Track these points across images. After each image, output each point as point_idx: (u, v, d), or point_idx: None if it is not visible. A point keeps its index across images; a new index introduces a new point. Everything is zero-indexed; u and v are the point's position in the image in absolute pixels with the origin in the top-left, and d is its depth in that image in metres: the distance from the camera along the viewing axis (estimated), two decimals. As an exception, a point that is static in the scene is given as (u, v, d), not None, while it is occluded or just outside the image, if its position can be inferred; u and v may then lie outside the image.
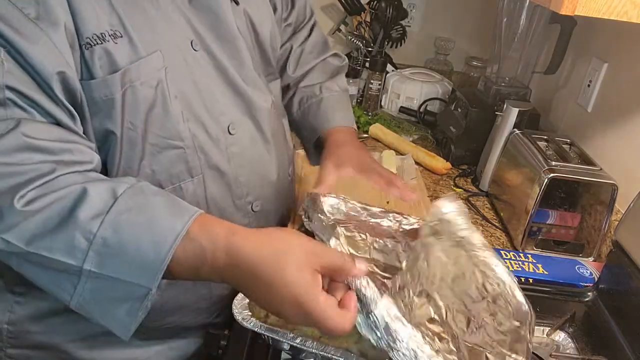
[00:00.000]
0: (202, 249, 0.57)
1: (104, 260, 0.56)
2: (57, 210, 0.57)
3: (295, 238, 0.58)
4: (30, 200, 0.56)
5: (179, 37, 0.72)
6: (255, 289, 0.57)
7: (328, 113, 1.01)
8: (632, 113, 1.14)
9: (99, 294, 0.58)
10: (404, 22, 1.80)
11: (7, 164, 0.56)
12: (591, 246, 1.10)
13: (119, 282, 0.56)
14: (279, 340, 0.69)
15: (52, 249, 0.56)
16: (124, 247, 0.56)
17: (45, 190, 0.57)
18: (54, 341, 0.77)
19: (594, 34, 1.34)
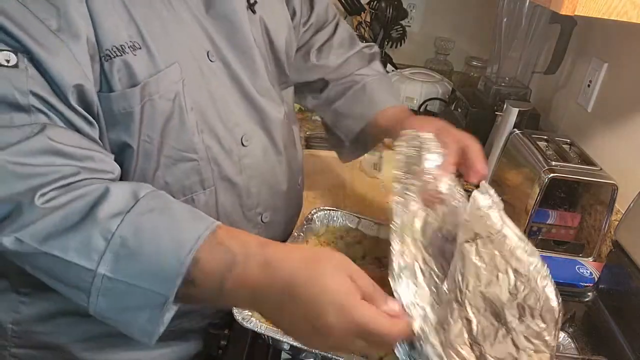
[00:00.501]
0: (232, 254, 0.55)
1: (120, 263, 0.55)
2: (78, 208, 0.56)
3: (323, 249, 0.57)
4: (51, 199, 0.56)
5: (196, 47, 0.72)
6: (292, 307, 0.52)
7: (375, 96, 0.99)
8: (632, 113, 1.14)
9: (115, 303, 0.56)
10: (404, 22, 1.80)
11: (32, 165, 0.56)
12: (591, 246, 1.10)
13: (135, 289, 0.55)
14: (279, 340, 0.70)
15: (66, 249, 0.55)
16: (142, 249, 0.55)
17: (67, 189, 0.57)
18: (58, 342, 0.77)
19: (594, 34, 1.34)
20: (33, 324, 0.76)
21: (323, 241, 0.93)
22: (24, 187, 0.56)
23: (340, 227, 0.97)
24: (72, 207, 0.56)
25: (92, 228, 0.55)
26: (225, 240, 0.56)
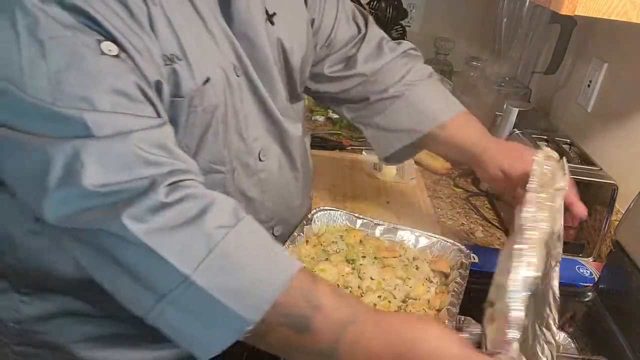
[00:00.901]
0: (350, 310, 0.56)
1: (215, 275, 0.53)
2: (187, 209, 0.54)
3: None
4: (166, 193, 0.54)
5: (225, 62, 0.71)
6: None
7: (425, 108, 0.94)
8: (632, 113, 1.14)
9: (185, 314, 0.54)
10: (404, 22, 1.80)
11: (154, 154, 0.55)
12: (591, 246, 1.10)
13: (217, 306, 0.53)
14: (279, 340, 0.69)
15: (167, 247, 0.53)
16: (241, 267, 0.54)
17: (179, 186, 0.56)
18: (59, 341, 0.77)
19: (594, 34, 1.34)
20: (33, 323, 0.76)
21: (323, 241, 0.93)
22: (147, 173, 0.54)
23: (340, 227, 0.97)
24: (182, 207, 0.54)
25: (197, 233, 0.54)
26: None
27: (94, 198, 0.52)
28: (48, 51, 0.53)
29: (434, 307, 0.81)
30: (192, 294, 0.53)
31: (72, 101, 0.53)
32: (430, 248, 0.94)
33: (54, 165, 0.52)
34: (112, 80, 0.55)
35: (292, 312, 0.55)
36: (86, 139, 0.52)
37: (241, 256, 0.55)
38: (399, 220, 1.12)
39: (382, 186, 1.28)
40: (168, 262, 0.52)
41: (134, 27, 0.59)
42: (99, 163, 0.52)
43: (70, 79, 0.53)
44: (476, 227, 1.19)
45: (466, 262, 0.88)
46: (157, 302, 0.54)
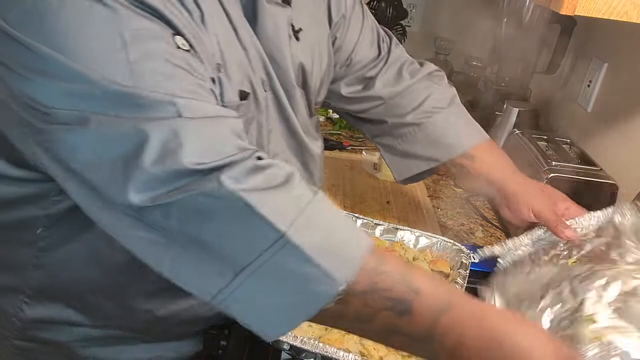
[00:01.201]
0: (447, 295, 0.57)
1: (307, 233, 0.53)
2: (276, 174, 0.55)
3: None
4: (258, 161, 0.55)
5: (256, 77, 0.71)
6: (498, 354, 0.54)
7: (446, 137, 0.93)
8: (632, 113, 1.14)
9: (271, 283, 0.53)
10: (404, 22, 1.80)
11: (241, 137, 0.57)
12: (591, 246, 1.10)
13: (308, 268, 0.52)
14: (279, 340, 0.70)
15: (264, 205, 0.52)
16: (328, 229, 0.55)
17: (265, 159, 0.56)
18: (58, 340, 0.78)
19: (594, 34, 1.34)
20: (34, 323, 0.77)
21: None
22: (239, 150, 0.55)
23: (340, 227, 0.97)
24: (272, 172, 0.55)
25: (288, 195, 0.54)
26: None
27: (189, 175, 0.52)
28: (128, 42, 0.53)
29: (434, 307, 0.81)
30: (285, 252, 0.52)
31: (156, 86, 0.53)
32: (430, 248, 0.94)
33: (150, 145, 0.52)
34: (188, 71, 0.56)
35: (389, 294, 0.55)
36: (181, 118, 0.53)
37: (327, 219, 0.56)
38: (399, 220, 1.13)
39: (382, 186, 1.28)
40: (266, 219, 0.52)
41: (194, 27, 0.60)
42: (195, 142, 0.52)
43: (153, 68, 0.54)
44: (476, 227, 1.19)
45: (466, 262, 0.89)
46: (235, 275, 0.53)
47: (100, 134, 0.54)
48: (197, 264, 0.55)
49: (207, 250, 0.54)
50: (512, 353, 0.54)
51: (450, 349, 0.55)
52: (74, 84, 0.53)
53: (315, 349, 0.68)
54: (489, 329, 0.55)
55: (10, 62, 0.55)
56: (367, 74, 0.97)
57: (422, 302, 0.55)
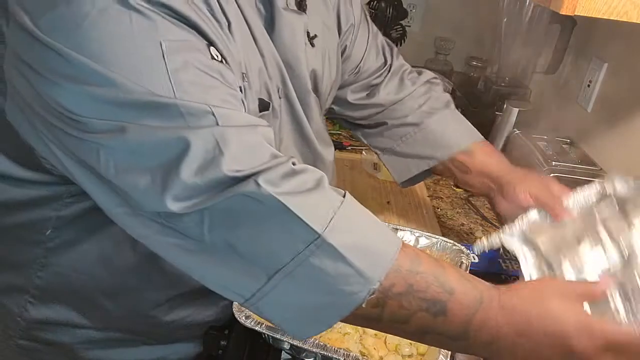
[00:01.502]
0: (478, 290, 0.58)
1: (341, 233, 0.54)
2: (308, 178, 0.56)
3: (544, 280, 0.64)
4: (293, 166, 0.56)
5: (272, 85, 0.72)
6: (530, 345, 0.56)
7: (444, 137, 0.95)
8: (632, 113, 1.14)
9: (306, 284, 0.53)
10: (404, 22, 1.80)
11: (272, 146, 0.58)
12: (591, 246, 1.10)
13: (342, 267, 0.53)
14: (279, 340, 0.70)
15: (300, 207, 0.53)
16: (360, 229, 0.56)
17: (298, 164, 0.57)
18: (61, 341, 0.78)
19: (594, 34, 1.34)
20: (37, 324, 0.77)
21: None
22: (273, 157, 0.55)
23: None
24: (306, 176, 0.56)
25: (322, 197, 0.55)
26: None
27: (228, 182, 0.52)
28: (166, 53, 0.53)
29: (434, 307, 0.81)
30: (321, 253, 0.53)
31: (194, 97, 0.53)
32: (430, 248, 0.94)
33: (191, 153, 0.52)
34: (222, 82, 0.57)
35: (427, 296, 0.56)
36: (220, 127, 0.53)
37: (359, 220, 0.57)
38: (399, 220, 1.13)
39: (382, 186, 1.28)
40: (303, 221, 0.52)
41: (224, 37, 0.60)
42: (234, 150, 0.53)
43: (190, 78, 0.54)
44: (476, 227, 1.19)
45: (466, 262, 0.89)
46: (270, 278, 0.53)
47: (138, 143, 0.53)
48: (229, 268, 0.55)
49: (241, 254, 0.54)
50: (546, 338, 0.56)
51: (485, 343, 0.57)
52: (111, 92, 0.52)
53: (315, 348, 0.68)
54: (520, 319, 0.56)
55: (40, 67, 0.54)
56: (373, 82, 0.99)
57: (457, 302, 0.56)
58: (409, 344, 0.73)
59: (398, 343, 0.73)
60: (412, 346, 0.73)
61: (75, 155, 0.57)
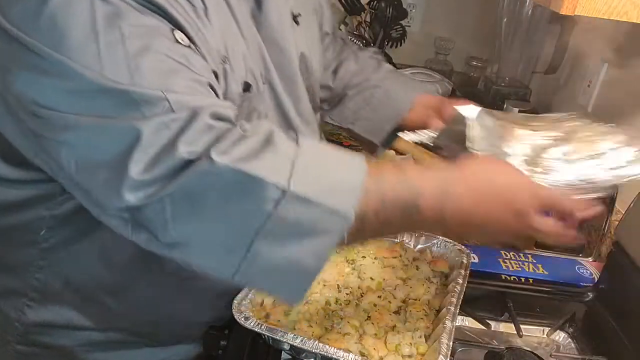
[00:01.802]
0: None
1: (306, 181, 0.54)
2: (258, 138, 0.55)
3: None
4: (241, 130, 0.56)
5: (256, 68, 0.72)
6: (490, 198, 0.63)
7: (400, 94, 1.00)
8: (632, 113, 1.14)
9: (284, 236, 0.54)
10: (404, 22, 1.80)
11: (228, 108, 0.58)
12: (591, 246, 1.10)
13: (318, 210, 0.54)
14: (279, 340, 0.70)
15: (259, 169, 0.53)
16: (323, 170, 0.56)
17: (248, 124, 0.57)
18: (61, 344, 0.78)
19: (594, 34, 1.34)
20: (36, 327, 0.77)
21: (323, 241, 0.93)
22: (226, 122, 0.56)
23: (340, 227, 0.97)
24: (254, 138, 0.55)
25: (276, 151, 0.55)
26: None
27: (184, 165, 0.52)
28: (127, 38, 0.53)
29: (434, 307, 0.81)
30: (292, 206, 0.53)
31: (151, 83, 0.53)
32: (431, 248, 0.94)
33: (145, 142, 0.52)
34: (186, 67, 0.57)
35: (401, 204, 0.59)
36: (172, 114, 0.53)
37: (318, 160, 0.57)
38: (399, 220, 1.12)
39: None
40: (264, 181, 0.52)
41: (197, 20, 0.60)
42: (185, 136, 0.52)
43: (149, 64, 0.54)
44: (476, 227, 1.19)
45: (466, 262, 0.89)
46: (249, 247, 0.53)
47: (93, 137, 0.54)
48: (207, 250, 0.55)
49: (212, 232, 0.54)
50: (499, 204, 0.63)
51: (459, 221, 0.62)
52: (69, 82, 0.53)
53: (315, 349, 0.68)
54: (478, 186, 0.63)
55: (7, 60, 0.55)
56: (338, 58, 1.04)
57: (426, 199, 0.59)
58: (409, 344, 0.73)
59: (398, 343, 0.73)
60: (412, 346, 0.73)
61: (52, 154, 0.57)
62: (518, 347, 0.83)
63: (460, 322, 0.89)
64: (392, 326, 0.76)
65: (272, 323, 0.73)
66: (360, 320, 0.76)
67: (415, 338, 0.74)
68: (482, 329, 0.90)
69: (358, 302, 0.80)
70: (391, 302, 0.81)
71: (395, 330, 0.75)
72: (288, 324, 0.74)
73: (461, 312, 0.82)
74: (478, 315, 0.90)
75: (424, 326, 0.77)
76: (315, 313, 0.77)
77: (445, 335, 0.71)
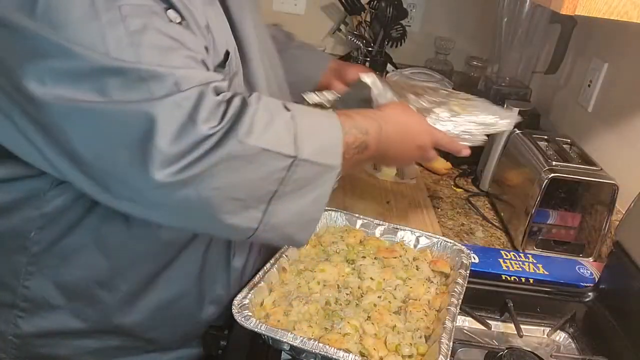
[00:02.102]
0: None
1: (307, 145, 0.64)
2: (263, 112, 0.62)
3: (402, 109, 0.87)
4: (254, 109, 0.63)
5: (231, 42, 0.73)
6: (403, 137, 0.83)
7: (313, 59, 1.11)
8: (632, 113, 1.14)
9: (297, 195, 0.65)
10: (404, 21, 1.80)
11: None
12: (591, 246, 1.10)
13: (318, 169, 0.65)
14: (279, 341, 0.69)
15: (272, 142, 0.62)
16: (314, 133, 0.66)
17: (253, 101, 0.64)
18: (58, 354, 0.77)
19: (594, 34, 1.34)
20: (32, 338, 0.75)
21: (323, 241, 0.93)
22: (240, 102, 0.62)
23: (340, 227, 0.97)
24: (260, 112, 0.62)
25: (279, 122, 0.63)
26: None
27: (207, 139, 0.58)
28: (126, 17, 0.55)
29: (434, 307, 0.81)
30: (298, 169, 0.64)
31: (154, 61, 0.56)
32: (431, 248, 0.94)
33: (163, 123, 0.55)
34: (181, 45, 0.59)
35: (357, 144, 0.73)
36: (186, 91, 0.57)
37: (309, 122, 0.67)
38: (399, 220, 1.12)
39: (382, 186, 1.28)
40: (278, 153, 0.62)
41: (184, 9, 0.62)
42: (203, 111, 0.58)
43: (150, 42, 0.56)
44: (476, 227, 1.19)
45: (466, 262, 0.89)
46: (268, 205, 0.63)
47: (108, 122, 0.55)
48: (231, 216, 0.62)
49: (237, 197, 0.61)
50: (411, 131, 0.84)
51: (384, 152, 0.79)
52: (72, 64, 0.53)
53: (315, 349, 0.68)
54: (397, 125, 0.81)
55: (13, 56, 0.55)
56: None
57: (371, 137, 0.75)
58: (409, 344, 0.73)
59: (398, 343, 0.73)
60: (412, 347, 0.73)
61: (55, 143, 0.58)
62: (518, 348, 0.83)
63: (461, 322, 0.89)
64: (392, 326, 0.76)
65: (272, 323, 0.73)
66: (360, 320, 0.76)
67: (415, 338, 0.74)
68: (482, 329, 0.90)
69: (358, 302, 0.80)
70: (391, 302, 0.81)
71: (395, 330, 0.75)
72: (288, 324, 0.74)
73: (461, 312, 0.82)
74: (478, 315, 0.90)
75: (424, 326, 0.77)
76: (315, 313, 0.77)
77: (446, 336, 0.71)
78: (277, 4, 1.86)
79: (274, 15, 1.82)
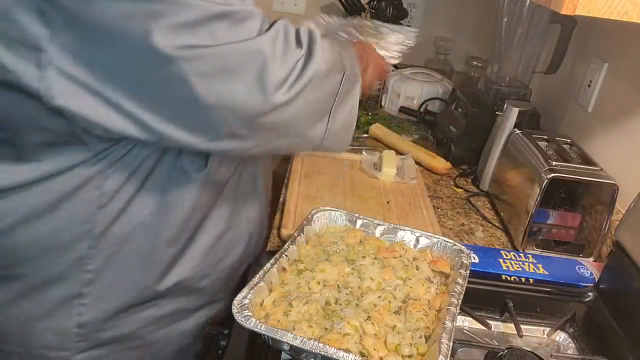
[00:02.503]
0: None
1: (346, 67, 0.78)
2: (321, 38, 0.74)
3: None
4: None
5: None
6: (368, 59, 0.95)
7: None
8: (632, 113, 1.14)
9: (343, 96, 0.78)
10: (404, 22, 1.80)
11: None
12: (591, 246, 1.10)
13: (351, 81, 0.80)
14: (278, 341, 0.69)
15: (333, 61, 0.75)
16: (345, 54, 0.80)
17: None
18: (121, 333, 0.78)
19: (594, 34, 1.34)
20: (97, 324, 0.76)
21: (323, 241, 0.93)
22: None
23: (340, 227, 0.97)
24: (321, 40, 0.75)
25: (329, 48, 0.75)
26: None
27: (306, 56, 0.71)
28: None
29: (434, 307, 0.81)
30: (345, 82, 0.78)
31: (241, 4, 0.64)
32: (431, 248, 0.94)
33: (272, 54, 0.65)
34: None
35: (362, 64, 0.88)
36: (270, 29, 0.68)
37: (339, 46, 0.81)
38: (399, 220, 1.12)
39: (382, 186, 1.28)
40: (337, 71, 0.77)
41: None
42: (290, 40, 0.70)
43: None
44: (476, 227, 1.19)
45: (466, 262, 0.88)
46: (331, 110, 0.77)
47: (223, 60, 0.63)
48: (310, 127, 0.75)
49: (315, 114, 0.75)
50: (373, 62, 0.95)
51: (369, 77, 0.93)
52: (189, 16, 0.59)
53: (315, 349, 0.68)
54: (369, 56, 0.95)
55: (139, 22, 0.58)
56: None
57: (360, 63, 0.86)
58: (409, 345, 0.73)
59: (398, 343, 0.73)
60: (412, 347, 0.73)
61: (158, 93, 0.63)
62: (518, 348, 0.83)
63: (461, 322, 0.89)
64: (392, 326, 0.76)
65: (272, 323, 0.73)
66: (360, 320, 0.76)
67: (415, 338, 0.74)
68: (482, 329, 0.90)
69: (358, 302, 0.80)
70: (391, 302, 0.81)
71: (395, 331, 0.75)
72: (288, 324, 0.74)
73: (461, 312, 0.81)
74: (478, 315, 0.90)
75: (424, 326, 0.77)
76: (315, 313, 0.77)
77: (446, 336, 0.71)
78: (277, 3, 1.87)
79: (274, 15, 1.82)
